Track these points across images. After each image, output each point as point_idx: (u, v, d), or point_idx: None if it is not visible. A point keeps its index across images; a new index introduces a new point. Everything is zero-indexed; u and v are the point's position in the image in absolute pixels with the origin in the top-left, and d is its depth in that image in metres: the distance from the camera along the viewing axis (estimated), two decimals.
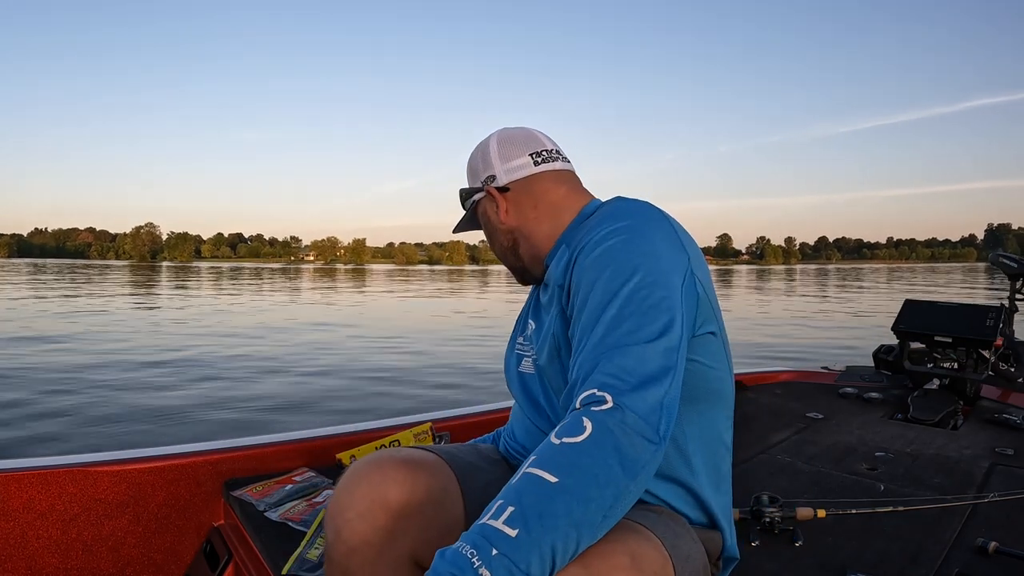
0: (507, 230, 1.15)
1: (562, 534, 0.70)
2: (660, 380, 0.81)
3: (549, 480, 0.72)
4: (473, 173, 1.19)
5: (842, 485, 1.82)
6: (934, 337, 2.80)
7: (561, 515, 0.71)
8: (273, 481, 1.68)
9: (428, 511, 1.01)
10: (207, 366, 7.89)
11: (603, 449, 0.74)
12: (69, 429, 5.07)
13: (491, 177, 1.15)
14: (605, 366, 0.81)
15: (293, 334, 11.60)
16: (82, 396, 6.19)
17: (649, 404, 0.78)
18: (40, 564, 1.50)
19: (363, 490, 0.98)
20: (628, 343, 0.82)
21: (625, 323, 0.84)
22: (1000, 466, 1.97)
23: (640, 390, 0.78)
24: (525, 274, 1.19)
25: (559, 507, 0.71)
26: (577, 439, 0.74)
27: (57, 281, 31.73)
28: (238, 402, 6.11)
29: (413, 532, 0.99)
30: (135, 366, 7.90)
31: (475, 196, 1.19)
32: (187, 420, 5.40)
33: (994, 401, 2.77)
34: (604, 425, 0.75)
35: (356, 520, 0.97)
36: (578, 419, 0.77)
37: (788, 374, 3.26)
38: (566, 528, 0.70)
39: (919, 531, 1.51)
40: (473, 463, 1.14)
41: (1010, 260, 3.03)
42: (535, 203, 1.13)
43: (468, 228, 1.27)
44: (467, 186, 1.20)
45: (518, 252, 1.16)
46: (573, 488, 0.72)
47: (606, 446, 0.74)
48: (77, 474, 1.53)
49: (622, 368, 0.80)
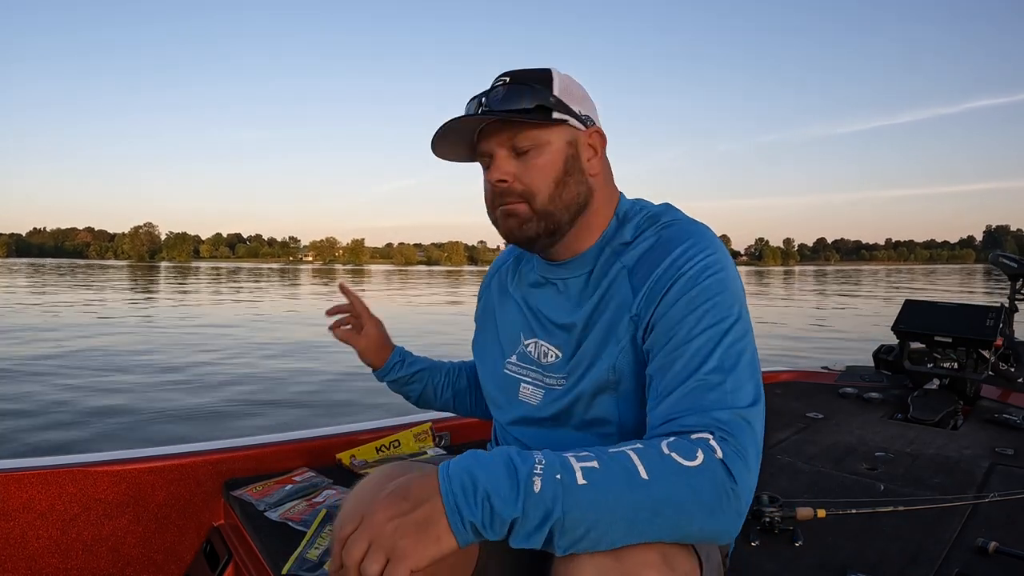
0: (588, 185, 0.99)
1: (613, 523, 0.70)
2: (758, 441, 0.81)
3: (640, 473, 0.71)
4: (568, 93, 0.97)
5: (842, 485, 1.82)
6: (934, 337, 2.80)
7: (626, 508, 0.70)
8: (273, 481, 1.67)
9: None
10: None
11: (702, 486, 0.73)
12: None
13: (590, 118, 1.00)
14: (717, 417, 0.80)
15: (290, 332, 11.60)
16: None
17: (751, 478, 0.78)
18: (40, 564, 1.50)
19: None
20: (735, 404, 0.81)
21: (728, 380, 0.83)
22: (1000, 466, 1.97)
23: (745, 458, 0.77)
24: (549, 241, 0.99)
25: (629, 500, 0.70)
26: (684, 462, 0.73)
27: (55, 283, 31.69)
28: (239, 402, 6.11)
29: None
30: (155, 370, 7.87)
31: (567, 118, 0.96)
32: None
33: (994, 401, 2.77)
34: (714, 471, 0.74)
35: None
36: (694, 446, 0.75)
37: (788, 374, 3.26)
38: (622, 522, 0.70)
39: (919, 531, 1.51)
40: None
41: (1010, 260, 3.04)
42: (609, 173, 1.04)
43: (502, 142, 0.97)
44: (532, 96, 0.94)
45: (576, 216, 0.99)
46: (655, 497, 0.71)
47: (706, 486, 0.73)
48: (77, 474, 1.52)
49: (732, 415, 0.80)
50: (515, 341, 1.11)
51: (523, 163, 0.96)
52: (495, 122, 0.95)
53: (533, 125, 0.94)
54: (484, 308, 1.23)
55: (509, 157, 0.96)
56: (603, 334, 0.96)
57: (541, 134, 0.95)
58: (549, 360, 1.04)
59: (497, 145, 0.96)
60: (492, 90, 0.95)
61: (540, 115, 0.94)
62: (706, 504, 0.73)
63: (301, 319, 14.83)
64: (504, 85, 0.95)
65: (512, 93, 0.93)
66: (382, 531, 0.68)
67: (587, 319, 0.98)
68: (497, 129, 0.95)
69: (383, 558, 0.67)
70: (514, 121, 0.94)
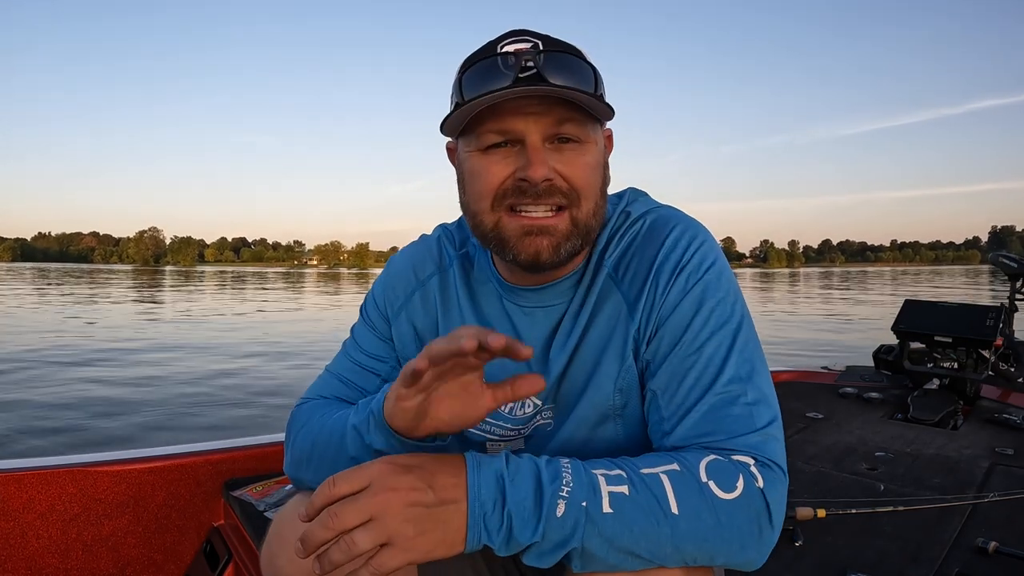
0: (607, 189, 0.83)
1: (632, 556, 0.65)
2: (785, 455, 0.74)
3: (671, 506, 0.65)
4: (596, 79, 0.76)
5: (842, 485, 1.82)
6: (934, 337, 2.80)
7: (649, 542, 0.65)
8: (273, 481, 1.68)
9: None
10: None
11: (736, 521, 0.67)
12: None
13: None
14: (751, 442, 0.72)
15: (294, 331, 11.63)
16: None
17: (784, 505, 0.71)
18: (40, 564, 1.50)
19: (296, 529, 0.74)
20: (761, 422, 0.74)
21: (749, 391, 0.75)
22: (1000, 466, 1.97)
23: (783, 484, 0.71)
24: (563, 264, 0.79)
25: (653, 535, 0.64)
26: (722, 494, 0.67)
27: (61, 288, 31.81)
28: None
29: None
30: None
31: (609, 111, 0.77)
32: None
33: (994, 401, 2.76)
34: (752, 503, 0.68)
35: (288, 564, 0.79)
36: (735, 472, 0.68)
37: (788, 374, 3.26)
38: (643, 554, 0.65)
39: (919, 531, 1.51)
40: None
41: (1010, 260, 3.03)
42: None
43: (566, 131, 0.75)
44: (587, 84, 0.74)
45: (600, 225, 0.82)
46: (681, 533, 0.65)
47: (741, 520, 0.67)
48: (77, 474, 1.53)
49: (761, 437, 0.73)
50: None
51: (564, 158, 0.75)
52: (533, 98, 0.72)
53: (584, 113, 0.74)
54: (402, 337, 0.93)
55: (547, 148, 0.74)
56: (597, 354, 0.82)
57: (588, 126, 0.76)
58: (524, 412, 0.87)
59: (535, 128, 0.73)
60: (532, 53, 0.72)
61: (599, 102, 0.74)
62: (736, 539, 0.67)
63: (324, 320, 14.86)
64: (544, 51, 0.72)
65: (565, 64, 0.72)
66: (392, 511, 0.60)
67: (576, 344, 0.83)
68: (538, 108, 0.72)
69: (381, 539, 0.60)
70: (565, 102, 0.73)
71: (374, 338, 0.94)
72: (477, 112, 0.73)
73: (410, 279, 0.94)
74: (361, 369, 0.93)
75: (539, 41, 0.74)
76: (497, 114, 0.73)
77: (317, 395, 0.94)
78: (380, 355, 0.94)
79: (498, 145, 0.75)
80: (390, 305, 0.94)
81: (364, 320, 0.97)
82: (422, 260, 0.94)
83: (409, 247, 0.98)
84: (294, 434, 0.90)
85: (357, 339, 0.96)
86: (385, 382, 0.91)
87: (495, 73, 0.71)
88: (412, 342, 0.92)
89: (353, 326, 0.98)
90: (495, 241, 0.78)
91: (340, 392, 0.93)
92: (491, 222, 0.77)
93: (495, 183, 0.75)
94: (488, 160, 0.75)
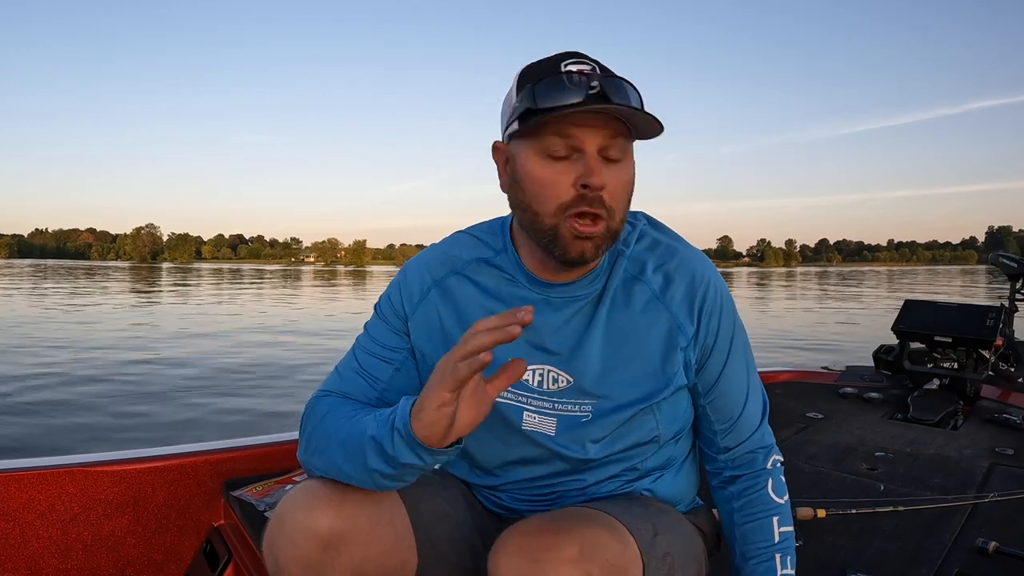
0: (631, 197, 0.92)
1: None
2: None
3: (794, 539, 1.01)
4: (642, 102, 0.85)
5: (842, 485, 1.82)
6: (934, 337, 2.80)
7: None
8: (273, 481, 1.67)
9: (364, 536, 0.86)
10: None
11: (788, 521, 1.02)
12: None
13: None
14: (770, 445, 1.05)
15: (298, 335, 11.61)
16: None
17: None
18: (40, 564, 1.50)
19: (295, 517, 0.85)
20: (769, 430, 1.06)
21: (763, 407, 1.06)
22: (1000, 466, 1.97)
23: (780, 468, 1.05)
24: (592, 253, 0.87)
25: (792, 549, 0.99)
26: (783, 499, 1.02)
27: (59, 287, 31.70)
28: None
29: (351, 558, 0.86)
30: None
31: (654, 133, 0.87)
32: None
33: (994, 401, 2.76)
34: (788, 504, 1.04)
35: (288, 547, 0.84)
36: (779, 477, 1.04)
37: (788, 374, 3.26)
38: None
39: (919, 531, 1.51)
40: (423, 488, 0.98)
41: (1010, 260, 3.04)
42: None
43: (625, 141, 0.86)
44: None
45: (624, 221, 0.90)
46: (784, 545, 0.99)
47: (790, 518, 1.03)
48: (77, 474, 1.53)
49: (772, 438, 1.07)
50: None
51: (611, 173, 0.84)
52: (591, 115, 0.82)
53: (628, 134, 0.85)
54: (427, 326, 0.98)
55: (600, 160, 0.84)
56: (645, 359, 0.94)
57: (629, 145, 0.87)
58: (559, 386, 0.95)
59: (592, 141, 0.83)
60: (593, 75, 0.82)
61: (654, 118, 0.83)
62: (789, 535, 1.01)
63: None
64: (602, 75, 0.83)
65: (623, 89, 0.82)
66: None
67: (619, 344, 0.94)
68: (597, 123, 0.82)
69: None
70: (617, 122, 0.83)
71: (389, 331, 1.00)
72: (543, 121, 0.82)
73: (426, 278, 1.00)
74: (376, 359, 0.98)
75: (596, 65, 0.85)
76: (565, 125, 0.82)
77: (333, 389, 0.99)
78: (394, 346, 0.99)
79: (564, 157, 0.84)
80: (407, 302, 0.99)
81: (378, 315, 1.02)
82: (438, 262, 1.01)
83: (422, 252, 1.05)
84: (310, 429, 0.94)
85: (371, 332, 1.01)
86: (397, 371, 0.98)
87: (564, 89, 0.81)
88: (430, 339, 0.98)
89: (366, 323, 1.03)
90: (550, 238, 0.86)
91: (355, 384, 0.98)
92: (551, 224, 0.86)
93: (562, 190, 0.84)
94: (554, 169, 0.84)
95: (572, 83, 0.81)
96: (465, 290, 0.97)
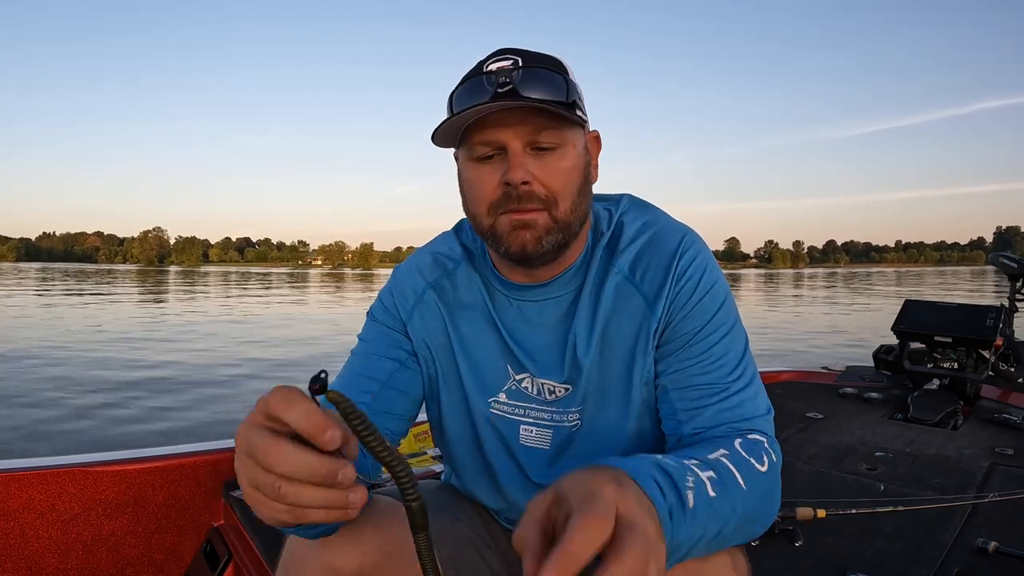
0: (589, 186, 0.89)
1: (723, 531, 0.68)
2: None
3: (741, 483, 0.70)
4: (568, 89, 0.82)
5: (842, 485, 1.82)
6: (934, 337, 2.79)
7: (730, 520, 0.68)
8: None
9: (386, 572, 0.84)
10: None
11: (773, 487, 0.78)
12: None
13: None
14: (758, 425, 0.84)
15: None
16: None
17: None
18: (40, 564, 1.51)
19: (313, 554, 0.83)
20: (763, 409, 0.86)
21: (752, 386, 0.86)
22: (1000, 466, 1.96)
23: (779, 452, 0.82)
24: (553, 258, 0.87)
25: (732, 514, 0.68)
26: (759, 466, 0.75)
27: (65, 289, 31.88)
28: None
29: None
30: None
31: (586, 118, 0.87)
32: None
33: (994, 401, 2.75)
34: (774, 476, 0.78)
35: None
36: (759, 449, 0.77)
37: (788, 374, 3.26)
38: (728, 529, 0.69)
39: (919, 531, 1.50)
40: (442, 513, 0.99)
41: (1010, 260, 3.04)
42: None
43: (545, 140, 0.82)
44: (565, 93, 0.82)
45: (584, 219, 0.88)
46: (752, 509, 0.72)
47: (771, 490, 0.77)
48: (77, 474, 1.53)
49: (765, 421, 0.85)
50: (500, 376, 0.94)
51: (543, 163, 0.82)
52: (512, 110, 0.79)
53: (560, 121, 0.82)
54: (426, 328, 0.98)
55: (527, 154, 0.82)
56: (627, 354, 0.89)
57: (565, 133, 0.83)
58: (558, 395, 0.92)
59: (514, 137, 0.81)
60: (511, 70, 0.80)
61: (570, 111, 0.81)
62: (769, 511, 0.76)
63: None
64: (523, 67, 0.80)
65: (539, 79, 0.80)
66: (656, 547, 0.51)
67: (600, 341, 0.90)
68: (516, 119, 0.80)
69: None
70: (541, 112, 0.80)
71: (386, 330, 0.98)
72: (467, 125, 0.82)
73: (418, 280, 0.99)
74: (377, 357, 0.96)
75: (519, 58, 0.82)
76: (483, 127, 0.81)
77: None
78: (394, 343, 0.98)
79: (489, 157, 0.83)
80: (401, 306, 0.98)
81: (372, 320, 1.01)
82: (428, 264, 1.00)
83: (412, 256, 1.05)
84: None
85: (366, 337, 1.00)
86: (401, 366, 0.96)
87: (480, 90, 0.80)
88: (431, 340, 0.97)
89: (360, 334, 1.02)
90: (491, 237, 0.86)
91: (357, 386, 0.95)
92: (488, 224, 0.85)
93: (488, 190, 0.84)
94: (481, 170, 0.84)
95: (488, 83, 0.80)
96: (458, 292, 0.98)
